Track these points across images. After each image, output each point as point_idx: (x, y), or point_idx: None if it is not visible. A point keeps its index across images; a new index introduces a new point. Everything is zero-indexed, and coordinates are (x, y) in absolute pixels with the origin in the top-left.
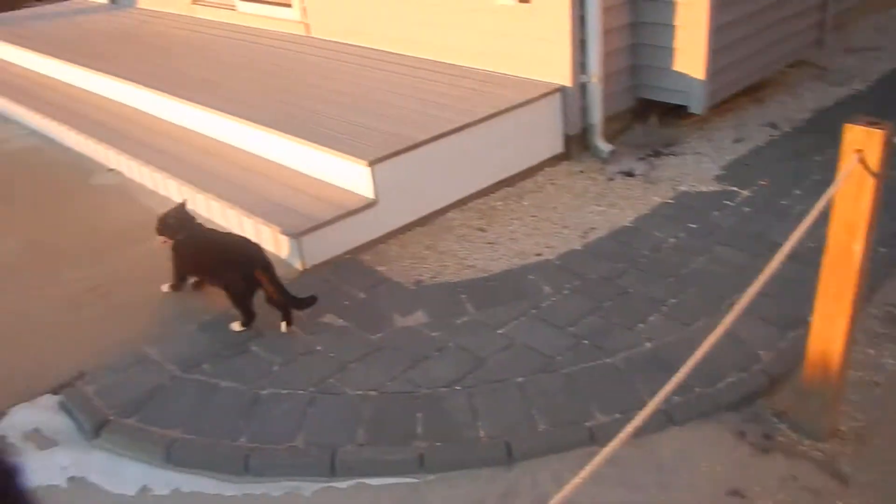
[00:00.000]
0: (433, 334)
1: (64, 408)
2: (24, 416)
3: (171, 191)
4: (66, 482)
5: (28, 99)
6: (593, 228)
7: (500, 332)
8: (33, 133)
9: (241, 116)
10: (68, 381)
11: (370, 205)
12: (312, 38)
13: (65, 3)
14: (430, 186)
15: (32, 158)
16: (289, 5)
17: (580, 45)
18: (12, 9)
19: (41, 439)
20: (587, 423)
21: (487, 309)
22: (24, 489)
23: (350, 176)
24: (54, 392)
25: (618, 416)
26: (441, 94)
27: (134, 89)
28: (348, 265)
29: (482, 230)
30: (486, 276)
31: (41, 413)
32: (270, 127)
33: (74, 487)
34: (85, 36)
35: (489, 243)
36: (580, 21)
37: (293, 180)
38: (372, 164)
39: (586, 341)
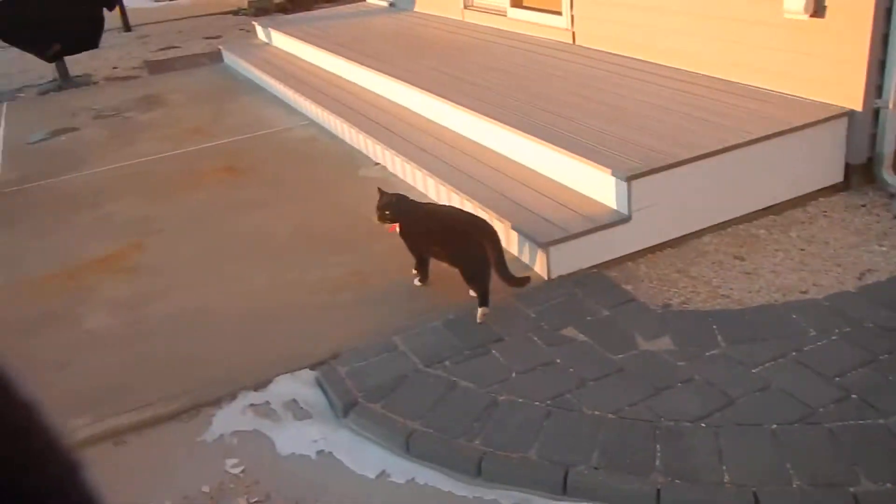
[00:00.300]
0: (679, 363)
1: (319, 384)
2: (286, 387)
3: (430, 188)
4: (315, 454)
5: (311, 92)
6: (871, 270)
7: (754, 371)
8: (313, 124)
9: (500, 120)
10: (324, 360)
11: (622, 220)
12: (578, 46)
13: (351, 5)
14: (687, 207)
15: (309, 147)
16: (559, 13)
17: (878, 66)
18: (307, 10)
19: (298, 410)
20: (851, 489)
21: (741, 344)
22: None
23: (605, 189)
24: (312, 368)
25: (888, 486)
26: (710, 111)
27: (404, 88)
28: (594, 280)
29: (740, 258)
30: (741, 309)
31: (300, 386)
32: (530, 133)
33: (322, 461)
34: (365, 36)
35: (747, 273)
36: (882, 40)
37: (546, 188)
38: (630, 179)
39: (855, 396)
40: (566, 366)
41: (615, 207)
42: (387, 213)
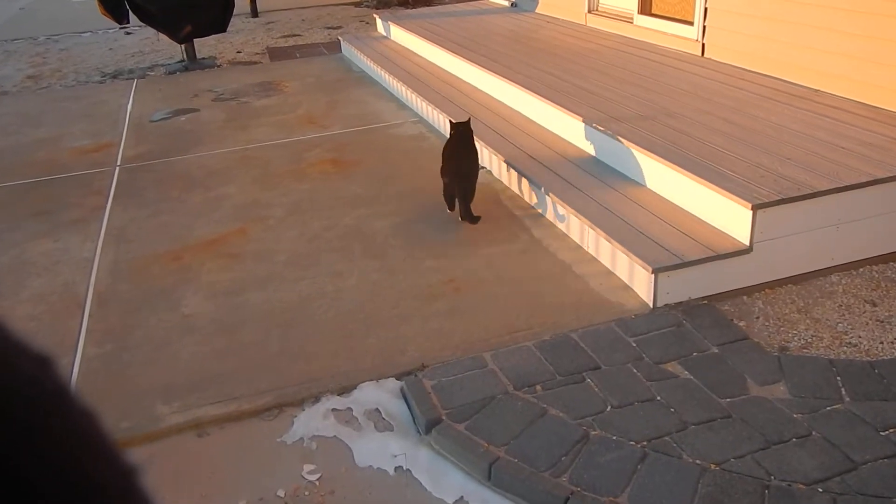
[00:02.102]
0: (795, 416)
1: (404, 395)
2: (370, 394)
3: (535, 197)
4: (392, 470)
5: (424, 89)
6: None
7: (882, 434)
8: (422, 121)
9: (619, 134)
10: (411, 370)
11: (743, 252)
12: (707, 59)
13: (472, 3)
14: (817, 242)
15: (416, 145)
16: (690, 22)
17: None
18: (428, 4)
19: (380, 420)
20: None
21: (869, 402)
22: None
23: (726, 216)
24: (398, 378)
25: None
26: (853, 140)
27: (519, 92)
28: (703, 312)
29: (872, 304)
30: (871, 361)
31: (384, 395)
32: (650, 151)
33: (399, 478)
34: (484, 35)
35: (880, 321)
36: None
37: (661, 209)
38: (756, 208)
39: None
40: (667, 404)
41: (735, 237)
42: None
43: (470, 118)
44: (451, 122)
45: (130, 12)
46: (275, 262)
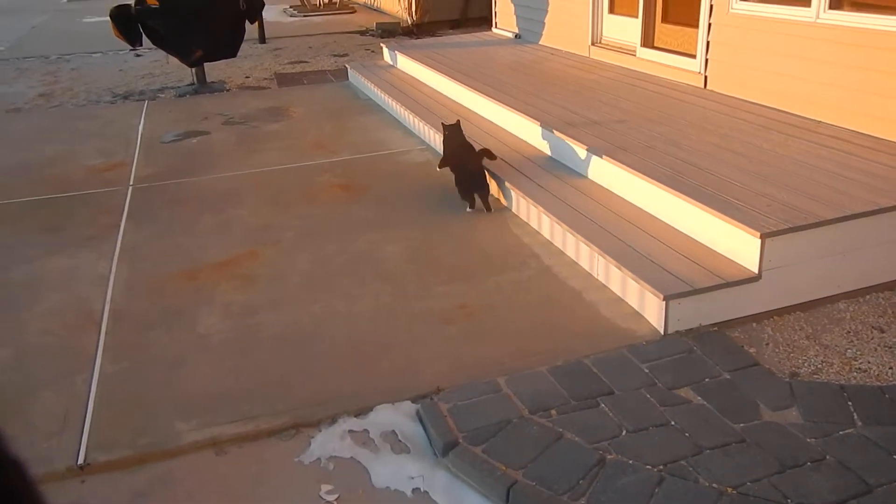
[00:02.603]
0: (808, 440)
1: (420, 418)
2: (386, 417)
3: (544, 225)
4: (410, 492)
5: (431, 117)
6: None
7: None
8: (429, 148)
9: (623, 163)
10: (426, 393)
11: (751, 279)
12: (710, 91)
13: (477, 34)
14: (824, 270)
15: (424, 172)
16: (692, 55)
17: None
18: (432, 35)
19: (396, 443)
20: None
21: (881, 426)
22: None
23: (735, 245)
24: (413, 400)
25: None
26: (856, 169)
27: (525, 122)
28: (714, 339)
29: (880, 330)
30: (881, 386)
31: (400, 417)
32: (657, 180)
33: (417, 500)
34: (489, 66)
35: (888, 347)
36: None
37: (669, 237)
38: (764, 236)
39: None
40: (682, 429)
41: (744, 264)
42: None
43: (459, 120)
44: (442, 124)
45: (143, 35)
46: (288, 284)
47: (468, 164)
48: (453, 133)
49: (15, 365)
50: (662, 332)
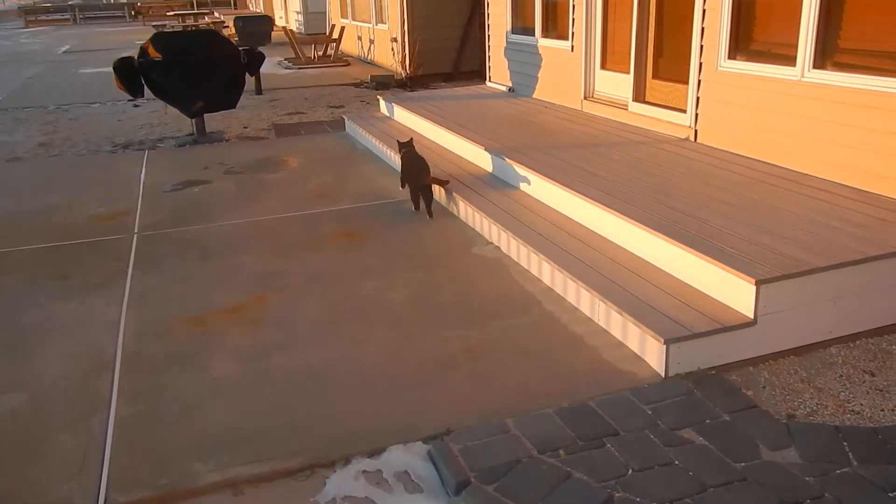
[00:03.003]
0: (807, 479)
1: (432, 458)
2: (398, 457)
3: (544, 273)
4: None
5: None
6: None
7: (891, 495)
8: None
9: (619, 212)
10: (437, 434)
11: (747, 324)
12: (699, 144)
13: (471, 87)
14: (816, 315)
15: (423, 219)
16: (682, 110)
17: None
18: (425, 87)
19: (409, 482)
20: None
21: (875, 465)
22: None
23: (731, 291)
24: (424, 441)
25: None
26: (844, 220)
27: (521, 171)
28: (712, 381)
29: (871, 374)
30: (874, 427)
31: (412, 458)
32: (652, 227)
33: None
34: (485, 118)
35: (879, 390)
36: None
37: (665, 282)
38: (760, 283)
39: None
40: (685, 468)
41: (740, 310)
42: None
43: (412, 138)
44: (398, 141)
45: (145, 87)
46: (296, 329)
47: (420, 178)
48: (409, 150)
49: (31, 408)
50: (663, 375)
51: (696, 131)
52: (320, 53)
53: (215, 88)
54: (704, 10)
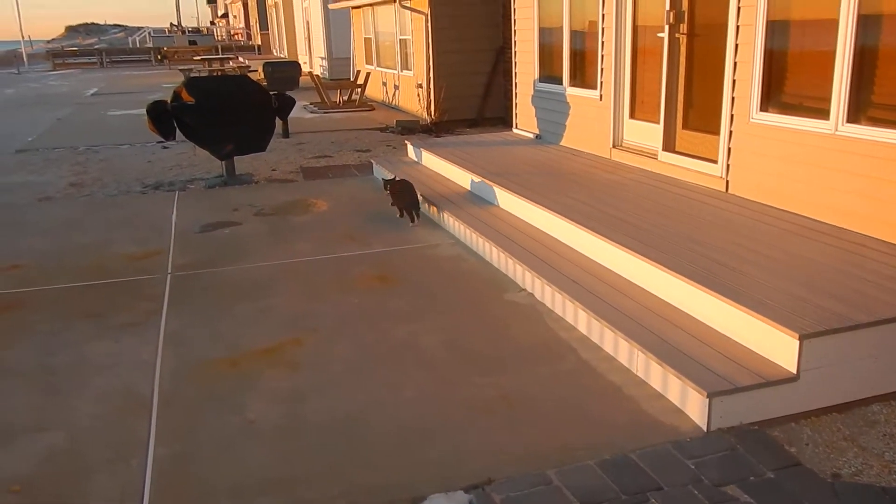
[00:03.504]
0: None
1: None
2: None
3: (580, 320)
4: None
5: (458, 212)
6: None
7: None
8: (458, 243)
9: (655, 260)
10: (478, 484)
11: (790, 379)
12: (731, 194)
13: (497, 133)
14: (857, 372)
15: (456, 266)
16: (713, 161)
17: None
18: (449, 133)
19: None
20: None
21: None
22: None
23: (772, 345)
24: (465, 490)
25: None
26: (881, 275)
27: (553, 218)
28: (755, 437)
29: None
30: None
31: None
32: (689, 278)
33: None
34: (512, 164)
35: None
36: None
37: (703, 334)
38: (803, 337)
39: None
40: None
41: (782, 364)
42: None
43: (395, 176)
44: (385, 181)
45: (177, 129)
46: (331, 372)
47: (405, 195)
48: (396, 181)
49: (69, 448)
50: (705, 429)
51: (727, 182)
52: (345, 98)
53: (246, 132)
54: (736, 63)
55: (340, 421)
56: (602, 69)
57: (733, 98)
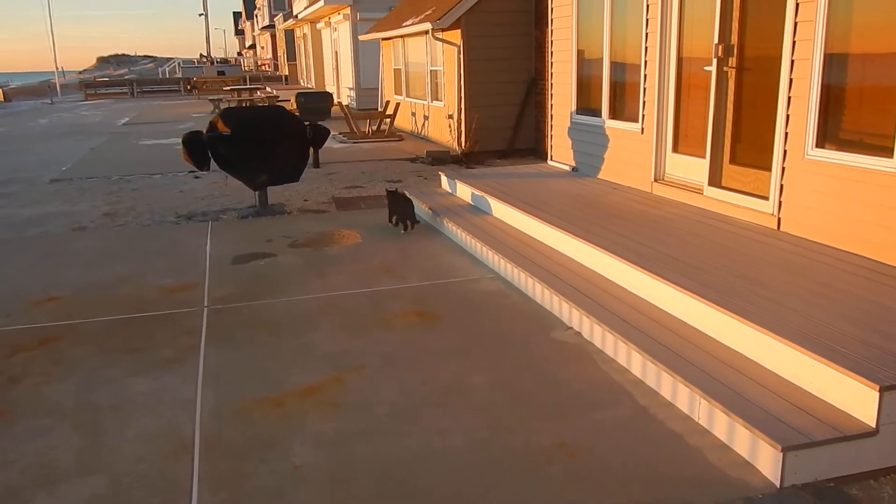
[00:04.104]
0: None
1: None
2: None
3: (633, 362)
4: None
5: (499, 245)
6: None
7: None
8: (499, 277)
9: (713, 301)
10: None
11: (869, 433)
12: (783, 232)
13: (532, 165)
14: None
15: (497, 301)
16: (764, 197)
17: None
18: (480, 164)
19: None
20: None
21: None
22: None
23: (847, 395)
24: None
25: None
26: None
27: (597, 253)
28: (833, 495)
29: None
30: None
31: None
32: (751, 321)
33: None
34: (551, 196)
35: None
36: None
37: (769, 381)
38: (883, 389)
39: None
40: None
41: (859, 417)
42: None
43: (397, 188)
44: (388, 191)
45: (211, 160)
46: (377, 414)
47: (399, 206)
48: (397, 196)
49: (112, 494)
50: (778, 485)
51: (779, 219)
52: (374, 128)
53: (281, 162)
54: (790, 98)
55: (390, 469)
56: (644, 102)
57: (787, 133)
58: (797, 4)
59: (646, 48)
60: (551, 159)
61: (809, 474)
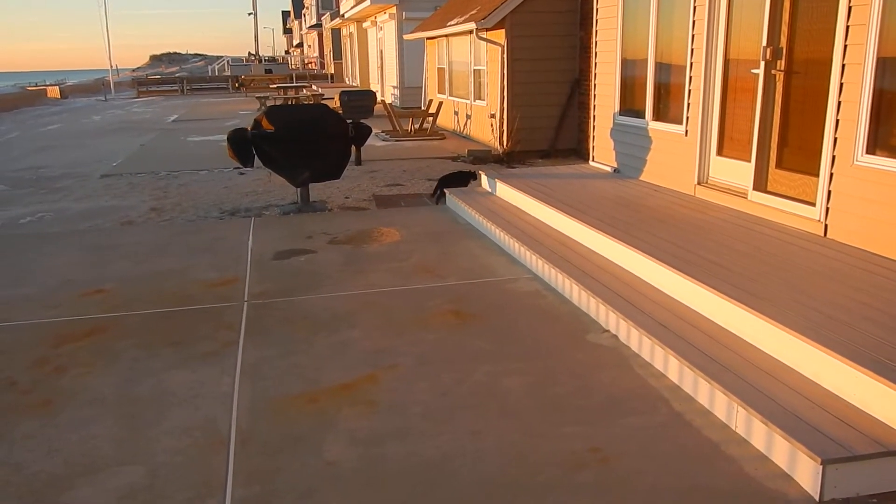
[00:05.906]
0: None
1: None
2: None
3: (670, 368)
4: None
5: (537, 246)
6: None
7: None
8: (536, 278)
9: (755, 309)
10: None
11: None
12: (830, 239)
13: (572, 166)
14: None
15: (534, 302)
16: (811, 203)
17: None
18: (521, 164)
19: None
20: None
21: None
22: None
23: (893, 409)
24: None
25: None
26: None
27: (638, 257)
28: None
29: None
30: None
31: None
32: (795, 330)
33: None
34: (592, 198)
35: None
36: None
37: (811, 392)
38: None
39: None
40: None
41: None
42: None
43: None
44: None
45: (255, 157)
46: (410, 413)
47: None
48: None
49: (148, 485)
50: (817, 499)
51: (825, 226)
52: (416, 127)
53: (323, 160)
54: (840, 102)
55: (421, 470)
56: (689, 104)
57: (836, 139)
58: (850, 8)
59: (692, 49)
60: (593, 160)
61: (850, 489)
